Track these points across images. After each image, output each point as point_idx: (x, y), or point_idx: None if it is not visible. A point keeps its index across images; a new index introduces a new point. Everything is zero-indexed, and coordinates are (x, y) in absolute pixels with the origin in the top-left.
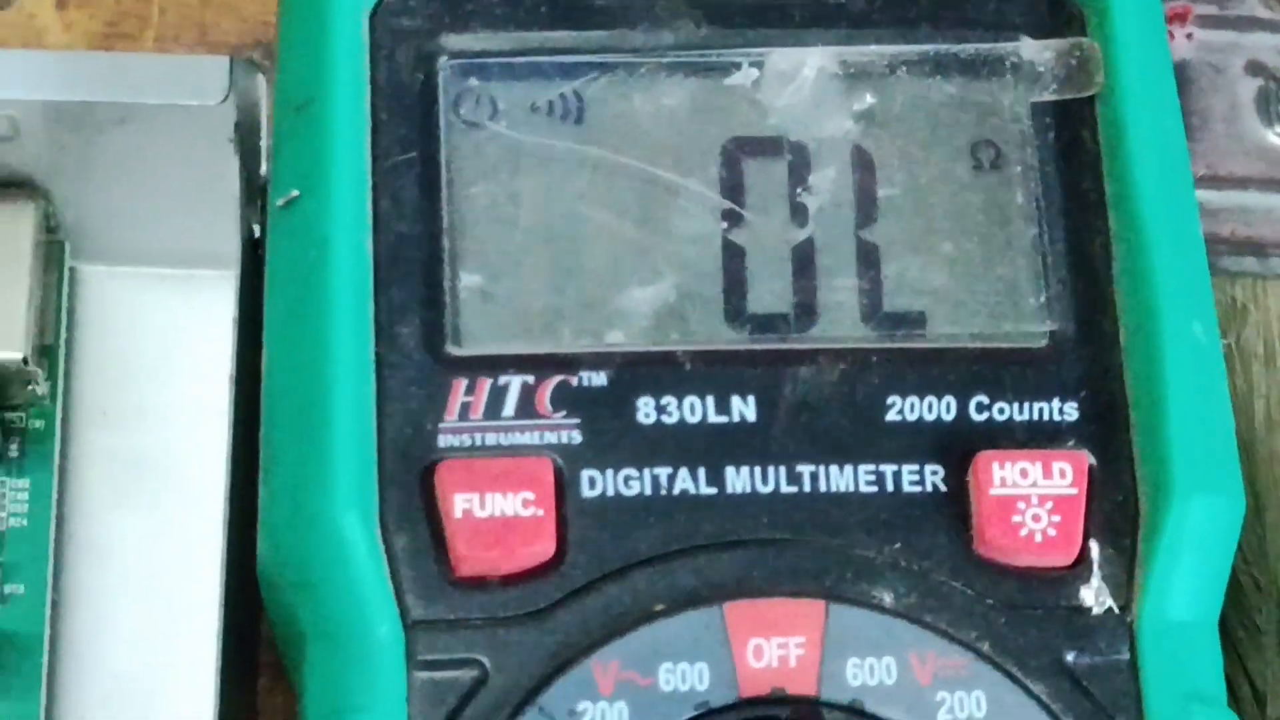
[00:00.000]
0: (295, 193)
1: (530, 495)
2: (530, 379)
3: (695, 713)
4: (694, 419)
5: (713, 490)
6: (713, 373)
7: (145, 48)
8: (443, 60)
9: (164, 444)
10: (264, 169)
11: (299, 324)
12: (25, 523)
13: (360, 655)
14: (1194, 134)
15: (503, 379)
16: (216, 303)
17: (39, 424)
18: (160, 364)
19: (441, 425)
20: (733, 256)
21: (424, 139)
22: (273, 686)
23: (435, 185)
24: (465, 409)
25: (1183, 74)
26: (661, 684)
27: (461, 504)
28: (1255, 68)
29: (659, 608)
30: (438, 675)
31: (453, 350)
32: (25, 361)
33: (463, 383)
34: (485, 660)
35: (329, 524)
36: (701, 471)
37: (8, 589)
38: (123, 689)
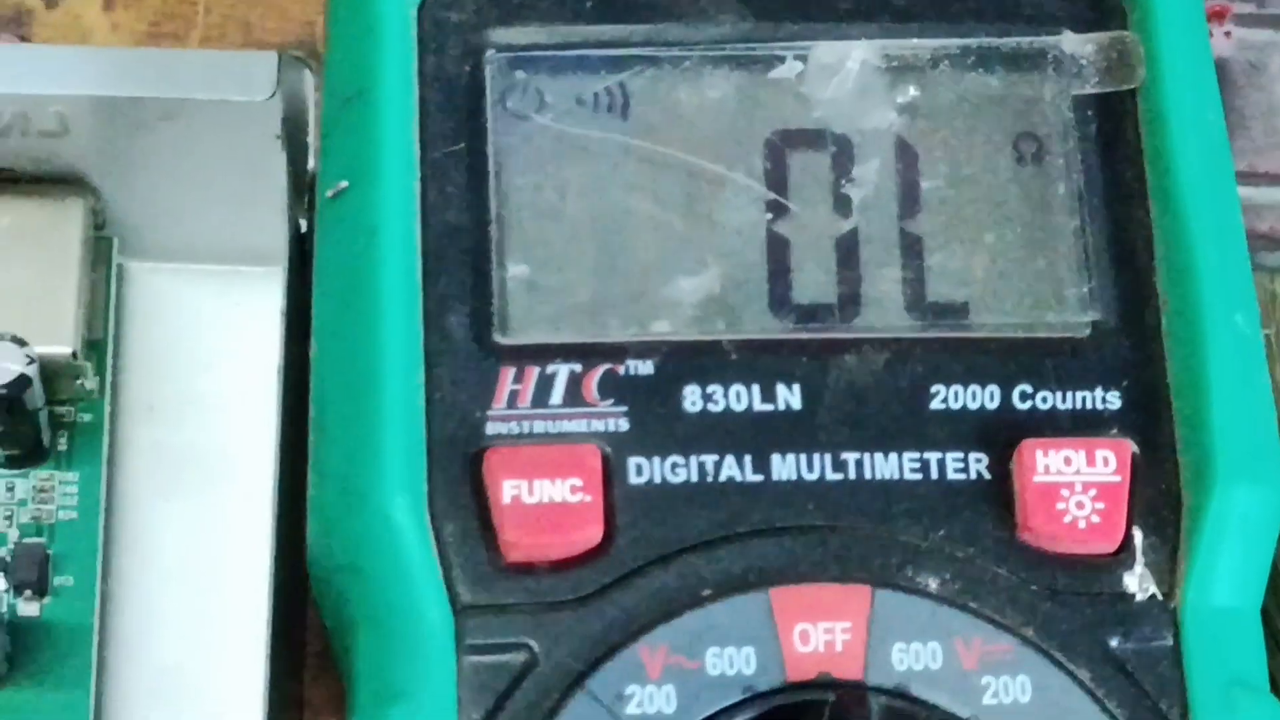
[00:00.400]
0: (344, 184)
1: (578, 482)
2: (577, 367)
3: (742, 696)
4: (740, 407)
5: (759, 477)
6: (758, 361)
7: (190, 47)
8: (490, 53)
9: (212, 438)
10: (311, 164)
11: (349, 313)
12: (75, 515)
13: (410, 640)
14: (1233, 131)
15: (550, 367)
16: (264, 298)
17: (88, 418)
18: (208, 359)
19: (490, 413)
20: (777, 247)
21: (472, 131)
22: (317, 678)
23: (483, 176)
24: (513, 397)
25: (1221, 72)
26: (709, 668)
27: (510, 490)
28: None
29: (706, 593)
30: (487, 659)
31: (500, 339)
32: (74, 356)
33: (510, 371)
34: (534, 644)
35: (379, 509)
36: (748, 459)
37: (58, 581)
38: (172, 680)
